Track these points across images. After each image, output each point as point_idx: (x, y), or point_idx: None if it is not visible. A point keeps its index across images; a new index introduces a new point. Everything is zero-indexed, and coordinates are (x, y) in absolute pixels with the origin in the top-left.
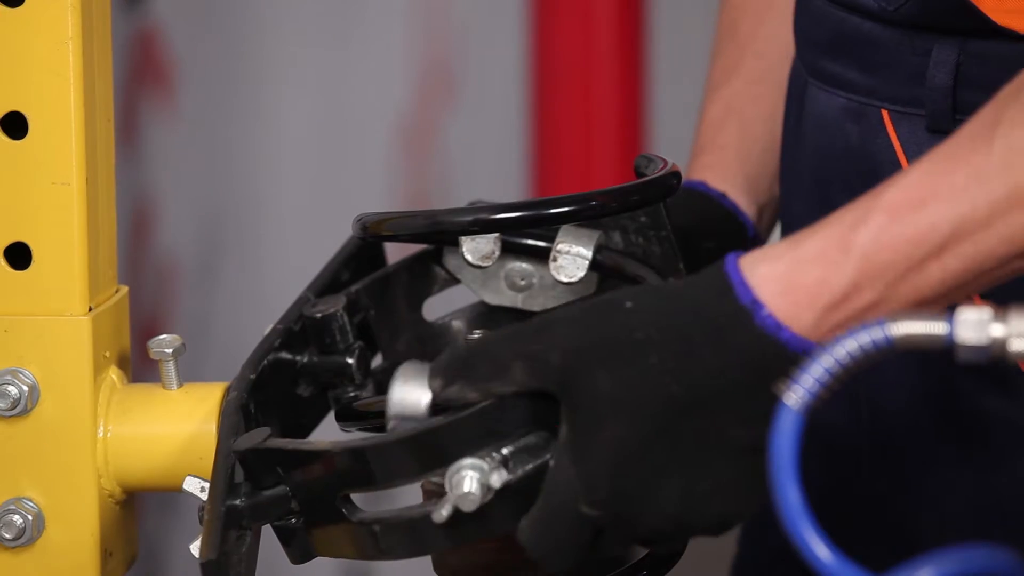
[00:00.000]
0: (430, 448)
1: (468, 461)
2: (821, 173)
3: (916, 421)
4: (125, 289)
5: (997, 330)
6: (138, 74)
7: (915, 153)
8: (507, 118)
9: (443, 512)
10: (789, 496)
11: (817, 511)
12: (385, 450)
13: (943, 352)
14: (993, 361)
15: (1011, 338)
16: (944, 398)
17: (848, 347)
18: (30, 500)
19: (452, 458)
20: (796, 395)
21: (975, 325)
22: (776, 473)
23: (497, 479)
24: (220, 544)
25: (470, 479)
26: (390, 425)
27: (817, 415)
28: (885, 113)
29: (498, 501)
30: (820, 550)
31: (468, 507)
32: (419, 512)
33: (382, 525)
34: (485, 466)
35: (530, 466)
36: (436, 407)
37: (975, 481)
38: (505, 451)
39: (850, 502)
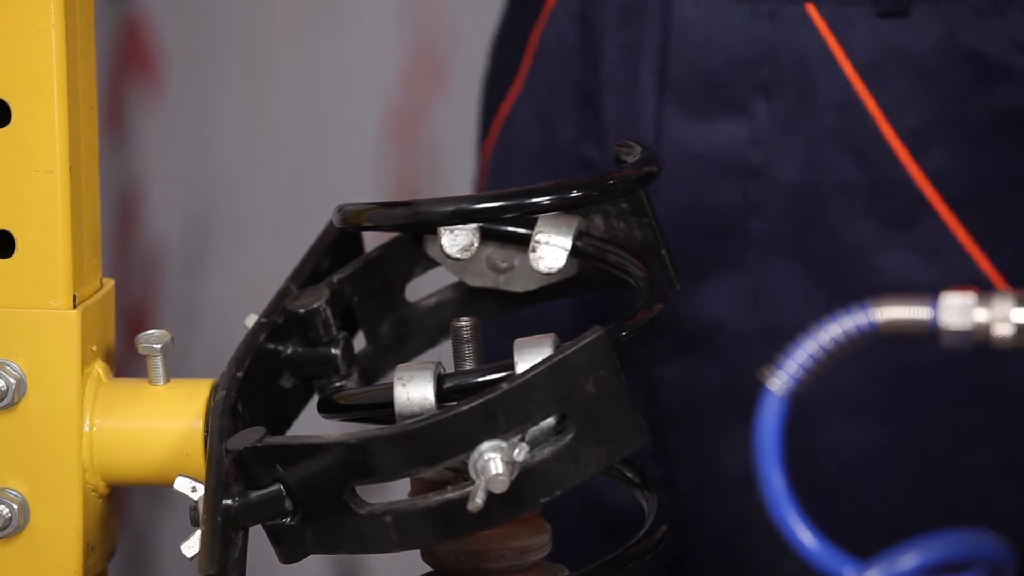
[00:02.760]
0: (451, 435)
1: (487, 444)
2: (722, 78)
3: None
4: (111, 283)
5: (981, 315)
6: (124, 62)
7: (852, 42)
8: None
9: (478, 500)
10: (773, 482)
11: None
12: (405, 439)
13: (928, 337)
14: (977, 346)
15: (995, 323)
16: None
17: (832, 332)
18: (15, 491)
19: (471, 444)
20: (780, 381)
21: (959, 310)
22: (760, 459)
23: (520, 453)
24: (220, 557)
25: (495, 462)
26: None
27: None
28: (811, 8)
29: (523, 480)
30: (804, 536)
31: (499, 488)
32: (438, 500)
33: (394, 516)
34: (504, 444)
35: (548, 449)
36: (443, 400)
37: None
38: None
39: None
